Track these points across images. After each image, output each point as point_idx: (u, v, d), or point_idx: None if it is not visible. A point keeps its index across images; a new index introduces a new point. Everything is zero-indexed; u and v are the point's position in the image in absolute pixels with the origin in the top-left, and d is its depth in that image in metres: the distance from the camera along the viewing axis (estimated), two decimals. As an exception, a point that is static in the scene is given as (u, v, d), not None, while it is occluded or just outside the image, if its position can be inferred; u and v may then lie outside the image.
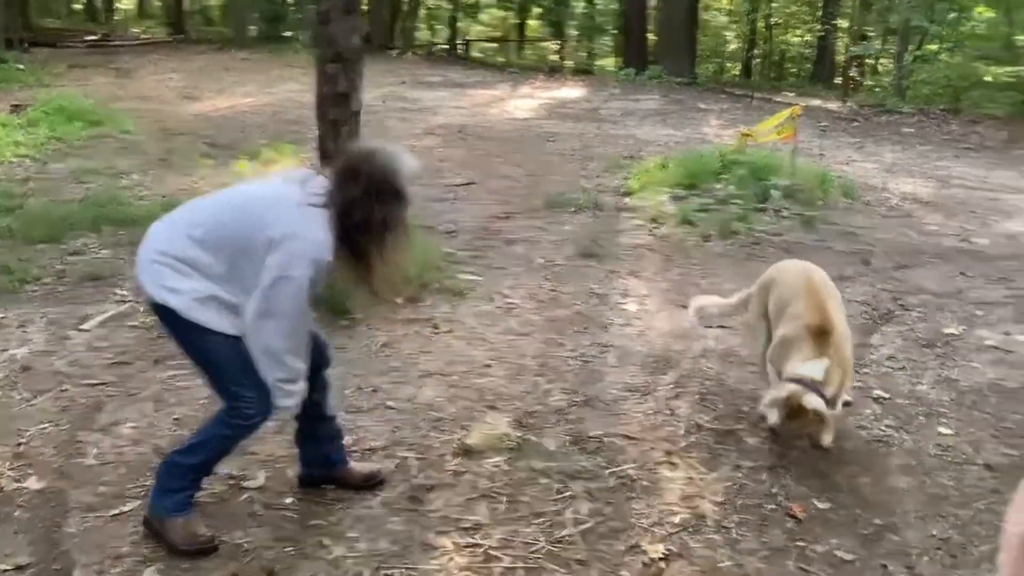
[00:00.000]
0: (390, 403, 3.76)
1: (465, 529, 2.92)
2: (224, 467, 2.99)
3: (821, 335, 3.39)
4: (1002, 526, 1.54)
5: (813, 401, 3.24)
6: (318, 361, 2.86)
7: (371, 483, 3.11)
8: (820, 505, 3.16)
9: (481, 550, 2.81)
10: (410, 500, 3.06)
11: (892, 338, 4.83)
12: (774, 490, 3.24)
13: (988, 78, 21.82)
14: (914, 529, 3.04)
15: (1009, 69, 20.91)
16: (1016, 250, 6.85)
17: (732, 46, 28.91)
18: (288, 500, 3.03)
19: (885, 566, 2.83)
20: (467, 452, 3.37)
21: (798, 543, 2.93)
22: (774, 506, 3.14)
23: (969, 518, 3.10)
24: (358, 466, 3.15)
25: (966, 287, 5.83)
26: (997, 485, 3.32)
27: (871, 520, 3.08)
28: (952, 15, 21.60)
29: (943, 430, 3.75)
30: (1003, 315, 5.27)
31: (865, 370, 4.30)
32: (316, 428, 3.02)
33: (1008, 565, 1.42)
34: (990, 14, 22.35)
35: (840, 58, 24.05)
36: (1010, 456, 3.57)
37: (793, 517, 3.07)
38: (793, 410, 3.30)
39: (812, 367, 3.33)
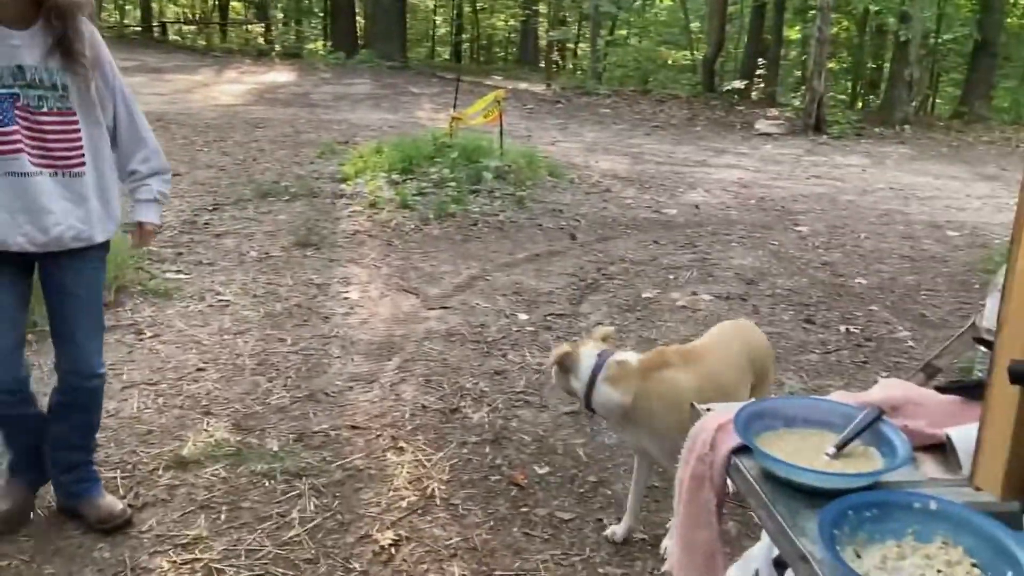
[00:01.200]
0: (90, 420, 3.43)
1: (183, 545, 2.73)
2: None
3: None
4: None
5: (577, 349, 2.72)
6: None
7: (105, 525, 2.77)
8: (540, 471, 3.31)
9: (202, 564, 2.65)
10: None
11: (598, 305, 5.19)
12: (498, 461, 3.36)
13: (671, 61, 24.14)
14: (623, 481, 3.27)
15: (686, 53, 23.23)
16: (699, 218, 7.61)
17: (441, 30, 29.50)
18: (-32, 543, 2.67)
19: (600, 519, 3.03)
20: (181, 464, 3.16)
21: (522, 509, 3.05)
22: (498, 477, 3.25)
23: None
24: (101, 503, 2.81)
25: (659, 254, 6.38)
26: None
27: (586, 478, 3.29)
28: (637, 2, 23.55)
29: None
30: (690, 277, 5.84)
31: (575, 337, 4.57)
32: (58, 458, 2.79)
33: (682, 505, 1.57)
34: (669, 2, 24.66)
35: (543, 43, 25.38)
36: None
37: (516, 485, 3.20)
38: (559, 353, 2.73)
39: (626, 353, 2.82)
